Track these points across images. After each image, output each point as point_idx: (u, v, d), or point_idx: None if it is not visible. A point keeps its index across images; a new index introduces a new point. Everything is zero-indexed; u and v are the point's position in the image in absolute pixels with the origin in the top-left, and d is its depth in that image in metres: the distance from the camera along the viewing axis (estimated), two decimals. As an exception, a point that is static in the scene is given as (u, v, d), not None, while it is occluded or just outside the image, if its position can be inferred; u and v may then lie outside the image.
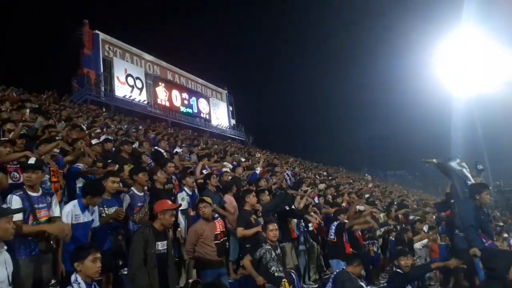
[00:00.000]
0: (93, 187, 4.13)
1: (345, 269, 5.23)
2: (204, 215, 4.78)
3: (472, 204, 5.18)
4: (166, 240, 3.88)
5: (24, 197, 3.47)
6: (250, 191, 6.02)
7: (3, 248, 2.71)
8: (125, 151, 7.16)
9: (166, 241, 3.89)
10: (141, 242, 3.59)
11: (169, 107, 37.10)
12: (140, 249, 3.56)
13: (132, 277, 3.50)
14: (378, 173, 49.46)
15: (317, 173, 19.88)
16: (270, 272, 4.49)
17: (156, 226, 3.82)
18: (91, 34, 32.80)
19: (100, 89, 30.91)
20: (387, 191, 21.02)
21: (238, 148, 21.62)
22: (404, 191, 28.41)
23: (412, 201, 18.62)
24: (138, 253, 3.54)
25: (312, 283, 7.04)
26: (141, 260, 3.52)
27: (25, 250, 3.37)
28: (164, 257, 3.80)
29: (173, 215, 3.98)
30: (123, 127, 13.19)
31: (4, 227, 2.64)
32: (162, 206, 3.88)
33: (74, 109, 15.68)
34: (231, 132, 44.28)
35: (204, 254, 4.65)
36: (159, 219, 3.83)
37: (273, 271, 4.52)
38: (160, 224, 3.84)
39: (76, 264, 2.87)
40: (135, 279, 3.47)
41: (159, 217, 3.84)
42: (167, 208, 3.88)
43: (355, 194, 11.60)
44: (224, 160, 10.51)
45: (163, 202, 4.00)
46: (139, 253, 3.54)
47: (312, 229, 7.46)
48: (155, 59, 38.78)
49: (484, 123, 34.78)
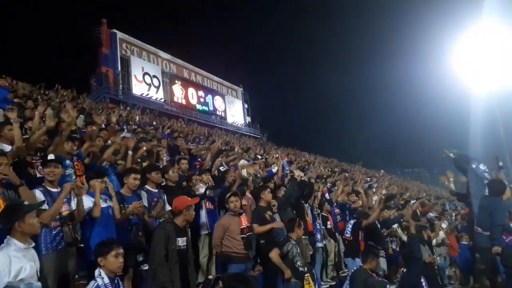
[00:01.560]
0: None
1: (362, 266, 5.21)
2: (235, 208, 4.93)
3: (502, 202, 5.08)
4: (186, 236, 3.94)
5: (45, 192, 3.60)
6: (265, 187, 6.01)
7: (32, 244, 2.78)
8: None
9: (186, 237, 3.94)
10: (162, 237, 3.63)
11: (185, 105, 37.42)
12: (162, 245, 3.60)
13: (153, 272, 3.55)
14: (396, 170, 48.75)
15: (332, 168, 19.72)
16: (295, 267, 4.55)
17: (178, 222, 3.86)
18: (109, 33, 33.31)
19: (118, 87, 31.35)
20: (404, 188, 20.72)
21: (254, 145, 21.61)
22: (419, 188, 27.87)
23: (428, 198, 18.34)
24: (160, 249, 3.58)
25: (330, 280, 7.03)
26: (162, 255, 3.57)
27: (51, 244, 3.47)
28: (184, 253, 3.85)
29: (193, 209, 4.06)
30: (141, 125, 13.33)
31: (31, 222, 2.71)
32: (186, 202, 3.93)
33: (92, 107, 15.91)
34: (246, 130, 44.36)
35: (232, 247, 4.71)
36: (184, 215, 3.87)
37: (298, 266, 4.58)
38: (183, 220, 3.89)
39: (99, 259, 2.93)
40: (156, 275, 3.51)
41: (184, 213, 3.87)
42: (190, 204, 3.94)
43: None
44: (242, 158, 10.52)
45: (183, 198, 4.05)
46: (160, 248, 3.58)
47: (330, 226, 7.45)
48: (172, 57, 39.14)
49: (505, 119, 33.88)
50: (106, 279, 2.87)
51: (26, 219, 2.69)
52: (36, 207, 2.92)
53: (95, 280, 2.87)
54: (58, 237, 3.55)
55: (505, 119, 33.22)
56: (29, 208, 2.79)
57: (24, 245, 2.68)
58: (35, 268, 2.72)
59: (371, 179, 18.95)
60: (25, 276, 2.57)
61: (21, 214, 2.67)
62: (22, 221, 2.66)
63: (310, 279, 4.53)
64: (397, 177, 35.07)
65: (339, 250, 7.69)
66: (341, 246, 7.68)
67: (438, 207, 10.64)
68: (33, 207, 2.86)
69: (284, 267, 4.45)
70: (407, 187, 23.44)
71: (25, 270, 2.58)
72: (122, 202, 4.49)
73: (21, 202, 3.06)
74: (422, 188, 27.08)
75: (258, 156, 11.53)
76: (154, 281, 3.53)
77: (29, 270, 2.61)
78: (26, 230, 2.70)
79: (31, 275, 2.63)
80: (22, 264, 2.59)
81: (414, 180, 38.73)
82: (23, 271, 2.57)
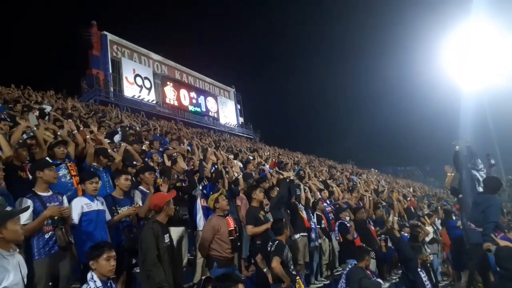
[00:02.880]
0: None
1: (357, 264, 5.23)
2: (222, 207, 4.85)
3: (496, 199, 5.12)
4: (168, 232, 3.92)
5: (35, 198, 3.58)
6: (255, 186, 5.87)
7: (16, 250, 2.72)
8: (135, 150, 7.23)
9: (169, 233, 3.92)
10: (152, 238, 3.59)
11: (177, 106, 37.27)
12: (153, 245, 3.57)
13: (147, 274, 3.51)
14: (388, 168, 49.00)
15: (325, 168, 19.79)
16: (289, 271, 4.45)
17: (161, 220, 3.83)
18: (99, 35, 33.04)
19: (109, 89, 31.14)
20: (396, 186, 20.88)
21: (246, 147, 21.61)
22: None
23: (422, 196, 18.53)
24: (152, 249, 3.55)
25: (324, 279, 7.04)
26: (155, 256, 3.53)
27: (44, 249, 3.46)
28: (170, 249, 3.84)
29: (172, 203, 4.03)
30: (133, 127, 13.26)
31: (14, 229, 2.65)
32: (165, 198, 3.91)
33: (83, 109, 15.80)
34: (239, 130, 44.36)
35: (220, 252, 4.62)
36: (165, 211, 3.85)
37: (291, 270, 4.51)
38: (165, 216, 3.88)
39: (91, 263, 2.90)
40: (151, 275, 3.48)
41: (165, 209, 3.85)
42: (169, 199, 3.91)
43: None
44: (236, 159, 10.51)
45: (161, 195, 4.05)
46: (152, 249, 3.55)
47: (324, 226, 7.47)
48: (163, 59, 38.95)
49: (495, 116, 34.23)
50: (99, 283, 2.84)
51: (9, 225, 2.62)
52: (19, 213, 2.85)
53: (87, 283, 2.84)
54: (51, 241, 3.53)
55: (495, 117, 33.50)
56: (10, 215, 2.72)
57: (7, 252, 2.62)
58: (21, 275, 2.67)
59: (359, 175, 19.02)
60: (8, 284, 2.52)
61: (1, 220, 2.61)
62: (4, 227, 2.60)
63: (300, 282, 4.49)
64: (388, 175, 35.22)
65: (333, 249, 7.73)
66: (335, 245, 7.71)
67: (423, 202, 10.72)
68: (15, 213, 2.79)
69: (286, 277, 4.34)
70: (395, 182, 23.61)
71: (8, 278, 2.53)
72: (114, 205, 4.47)
73: (2, 209, 3.01)
74: (411, 185, 27.22)
75: (250, 157, 11.49)
76: (149, 282, 3.49)
77: (12, 278, 2.56)
78: (9, 237, 2.62)
79: (15, 282, 2.58)
80: (5, 272, 2.54)
81: (405, 179, 38.91)
82: (6, 279, 2.52)
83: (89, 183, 4.16)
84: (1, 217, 2.65)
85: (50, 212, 3.51)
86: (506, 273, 3.55)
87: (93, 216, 4.02)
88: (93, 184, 4.16)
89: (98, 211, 4.10)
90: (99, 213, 4.11)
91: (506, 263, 3.61)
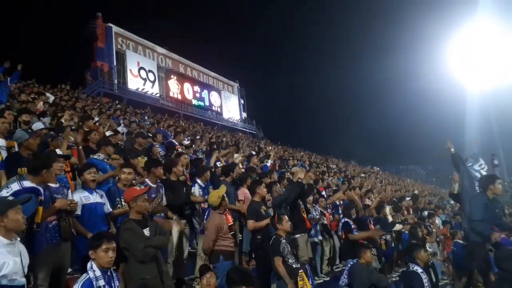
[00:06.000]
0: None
1: (359, 261, 5.21)
2: (225, 205, 4.82)
3: (484, 198, 5.09)
4: (148, 226, 3.72)
5: (44, 187, 3.63)
6: (259, 182, 5.87)
7: (17, 239, 2.74)
8: (139, 143, 7.29)
9: (149, 227, 3.73)
10: (132, 235, 3.50)
11: (181, 100, 37.24)
12: (137, 240, 3.47)
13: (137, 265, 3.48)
14: (391, 167, 48.93)
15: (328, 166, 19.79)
16: (288, 265, 4.51)
17: (133, 217, 3.70)
18: (104, 27, 32.99)
19: (113, 82, 31.16)
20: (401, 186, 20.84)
21: (250, 141, 21.61)
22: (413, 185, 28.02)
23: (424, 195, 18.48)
24: (137, 243, 3.46)
25: (324, 276, 7.05)
26: (142, 248, 3.44)
27: (47, 238, 3.50)
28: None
29: (146, 200, 3.86)
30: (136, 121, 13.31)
31: (15, 218, 2.66)
32: (132, 194, 3.74)
33: (87, 101, 15.87)
34: (242, 125, 44.21)
35: (226, 246, 4.64)
36: (132, 208, 3.71)
37: (290, 263, 4.54)
38: (136, 212, 3.71)
39: (90, 252, 2.91)
40: (147, 252, 3.47)
41: (131, 205, 3.71)
42: (137, 195, 3.73)
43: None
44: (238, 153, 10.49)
45: (131, 190, 3.89)
46: (137, 243, 3.46)
47: (326, 222, 7.46)
48: (167, 52, 38.86)
49: (499, 117, 34.08)
50: (98, 272, 2.85)
51: (10, 214, 2.64)
52: (20, 203, 2.85)
53: (87, 273, 2.85)
54: (54, 231, 3.57)
55: (499, 117, 33.28)
56: (11, 204, 2.74)
57: (8, 241, 2.64)
58: (21, 264, 2.68)
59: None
60: (7, 272, 2.53)
61: (2, 209, 2.63)
62: (5, 216, 2.62)
63: (303, 275, 4.50)
64: (392, 174, 35.18)
65: (334, 246, 7.72)
66: (336, 242, 7.70)
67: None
68: (16, 203, 2.80)
69: (288, 280, 4.33)
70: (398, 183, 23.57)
71: (8, 265, 2.54)
72: (119, 197, 4.50)
73: (4, 197, 3.04)
74: (412, 184, 27.18)
75: (253, 153, 11.47)
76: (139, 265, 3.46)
77: (12, 266, 2.57)
78: (10, 225, 2.65)
79: (14, 271, 2.59)
80: (5, 259, 2.55)
81: (407, 178, 38.84)
82: (6, 267, 2.53)
83: (87, 173, 4.23)
84: (2, 206, 2.68)
85: (59, 205, 3.60)
86: (505, 274, 3.52)
87: (91, 208, 4.06)
88: (91, 174, 4.23)
89: (96, 204, 4.13)
90: (97, 205, 4.14)
91: (504, 264, 3.59)
